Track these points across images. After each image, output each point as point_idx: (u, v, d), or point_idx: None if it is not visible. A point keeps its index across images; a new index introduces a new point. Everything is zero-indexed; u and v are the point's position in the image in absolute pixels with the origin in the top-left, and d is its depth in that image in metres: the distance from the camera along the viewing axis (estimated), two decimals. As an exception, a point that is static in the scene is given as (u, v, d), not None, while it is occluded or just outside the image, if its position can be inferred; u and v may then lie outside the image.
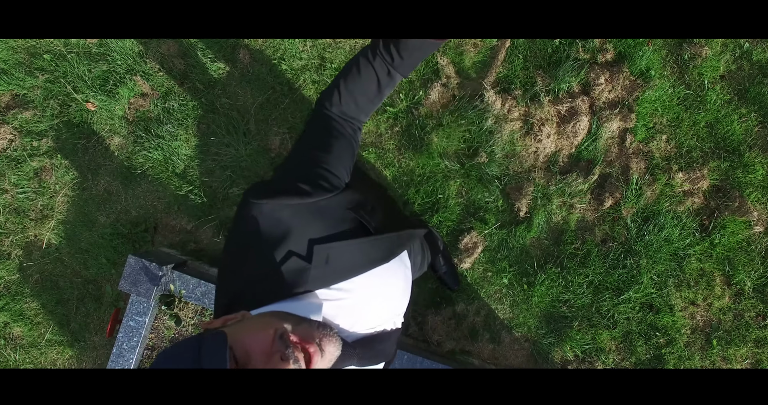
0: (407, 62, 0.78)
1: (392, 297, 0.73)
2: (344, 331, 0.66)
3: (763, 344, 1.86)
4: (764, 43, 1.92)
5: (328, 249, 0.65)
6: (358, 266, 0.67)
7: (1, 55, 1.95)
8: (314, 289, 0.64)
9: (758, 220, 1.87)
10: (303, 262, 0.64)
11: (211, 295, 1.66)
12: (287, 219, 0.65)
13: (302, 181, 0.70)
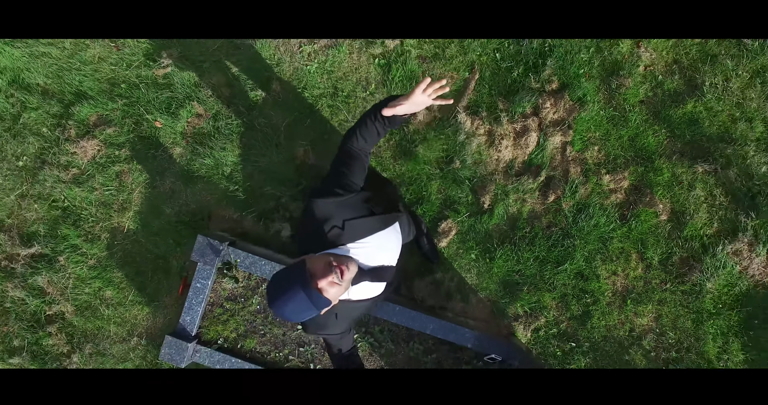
0: (395, 124, 1.36)
1: (389, 249, 1.34)
2: (362, 264, 1.27)
3: (663, 303, 2.49)
4: (674, 76, 2.51)
5: (353, 223, 1.26)
6: (368, 231, 1.28)
7: (89, 85, 2.54)
8: (346, 244, 1.26)
9: (663, 211, 2.48)
10: (340, 230, 1.25)
11: (256, 264, 2.27)
12: (331, 209, 1.26)
13: (337, 187, 1.30)
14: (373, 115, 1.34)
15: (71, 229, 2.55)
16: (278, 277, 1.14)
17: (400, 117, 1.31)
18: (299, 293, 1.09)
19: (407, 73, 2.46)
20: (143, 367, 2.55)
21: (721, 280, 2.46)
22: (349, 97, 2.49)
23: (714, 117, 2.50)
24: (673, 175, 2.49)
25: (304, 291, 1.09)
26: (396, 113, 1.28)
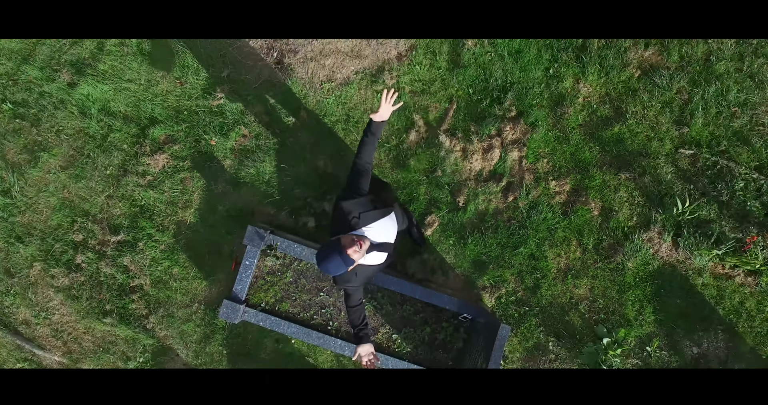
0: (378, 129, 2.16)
1: (388, 231, 2.15)
2: (372, 240, 2.08)
3: (595, 278, 3.29)
4: (605, 105, 3.30)
5: (366, 215, 2.07)
6: (374, 219, 2.09)
7: (159, 112, 3.34)
8: (362, 228, 2.07)
9: (595, 208, 3.28)
10: (357, 219, 2.06)
11: (290, 247, 3.07)
12: (351, 206, 2.07)
13: (354, 193, 2.11)
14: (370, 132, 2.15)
15: (147, 222, 3.36)
16: (323, 248, 1.95)
17: (379, 123, 2.13)
18: (336, 257, 1.89)
19: (403, 106, 3.26)
20: (201, 326, 3.36)
21: (638, 260, 3.27)
22: (359, 122, 3.29)
23: (634, 137, 3.30)
24: (603, 181, 3.29)
25: (339, 256, 1.89)
26: (374, 119, 2.10)
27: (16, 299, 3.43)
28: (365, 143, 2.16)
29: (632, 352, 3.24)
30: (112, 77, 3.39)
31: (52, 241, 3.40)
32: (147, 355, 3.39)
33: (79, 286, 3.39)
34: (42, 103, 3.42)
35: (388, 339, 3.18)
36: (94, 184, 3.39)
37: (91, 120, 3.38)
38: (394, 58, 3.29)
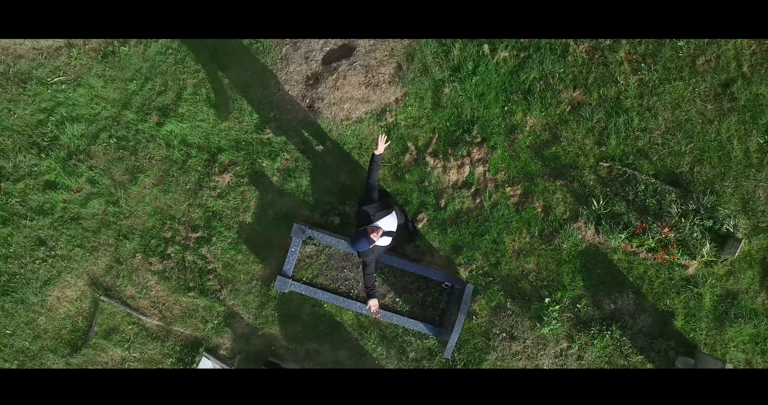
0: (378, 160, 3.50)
1: (393, 222, 3.47)
2: (384, 229, 3.41)
3: (540, 256, 4.60)
4: (546, 132, 4.59)
5: (378, 213, 3.39)
6: (384, 216, 3.42)
7: (224, 143, 4.64)
8: (377, 222, 3.39)
9: (539, 206, 4.59)
10: (373, 217, 3.38)
11: (323, 238, 4.37)
12: (368, 209, 3.39)
13: (369, 201, 3.43)
14: (371, 159, 3.48)
15: (218, 222, 4.67)
16: (355, 235, 3.29)
17: (378, 155, 3.45)
18: (364, 240, 3.23)
19: (398, 135, 4.57)
20: (258, 296, 4.67)
21: (570, 243, 4.58)
22: (368, 149, 4.60)
23: (566, 154, 4.60)
24: (544, 187, 4.59)
25: (366, 239, 3.23)
26: (375, 153, 3.43)
27: (124, 280, 4.75)
28: (372, 168, 3.48)
29: (566, 309, 4.56)
30: (188, 118, 4.68)
31: (149, 238, 4.71)
32: (220, 318, 4.71)
33: (170, 269, 4.71)
34: (138, 137, 4.72)
35: (393, 301, 4.51)
36: (178, 196, 4.69)
37: (174, 149, 4.68)
38: (393, 101, 4.59)
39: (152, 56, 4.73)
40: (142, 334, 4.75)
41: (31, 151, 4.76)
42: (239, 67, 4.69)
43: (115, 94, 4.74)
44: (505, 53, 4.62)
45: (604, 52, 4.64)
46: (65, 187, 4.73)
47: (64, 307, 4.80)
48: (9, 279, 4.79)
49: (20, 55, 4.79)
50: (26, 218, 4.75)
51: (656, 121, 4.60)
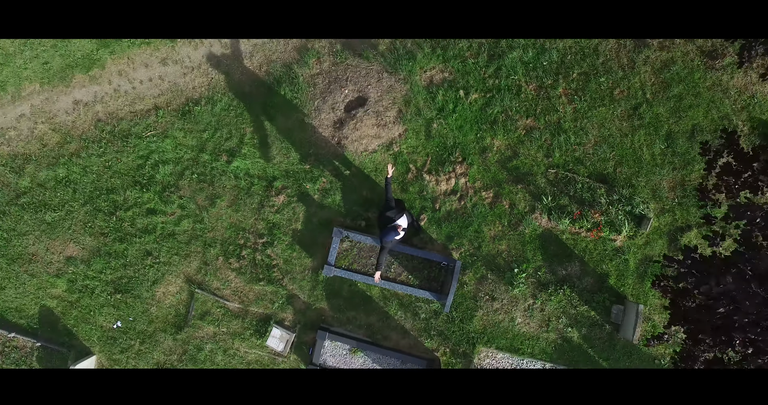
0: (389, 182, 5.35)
1: (405, 221, 5.32)
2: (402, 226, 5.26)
3: (509, 240, 6.43)
4: (509, 150, 6.39)
5: (397, 216, 5.23)
6: (401, 217, 5.26)
7: (277, 173, 6.41)
8: (398, 221, 5.22)
9: (506, 203, 6.40)
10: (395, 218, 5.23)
11: (355, 236, 6.19)
12: (390, 214, 5.23)
13: (389, 209, 5.27)
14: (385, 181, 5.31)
15: (277, 230, 6.47)
16: (387, 230, 5.15)
17: (389, 178, 5.29)
18: (393, 233, 5.12)
19: (402, 160, 6.35)
20: (310, 282, 6.50)
21: (530, 228, 6.40)
22: (381, 171, 6.38)
23: (524, 165, 6.39)
24: (509, 190, 6.40)
25: (395, 232, 5.10)
26: (388, 176, 5.27)
27: (211, 277, 6.57)
28: (387, 187, 5.30)
29: (530, 275, 6.40)
30: (249, 156, 6.44)
31: (227, 245, 6.52)
32: (283, 299, 6.53)
33: (244, 267, 6.52)
34: (213, 173, 6.48)
35: (406, 278, 6.35)
36: (246, 213, 6.48)
37: (241, 180, 6.46)
38: (397, 136, 6.36)
39: (218, 112, 6.47)
40: (227, 315, 6.59)
41: (135, 188, 6.52)
42: (284, 117, 6.44)
43: (193, 141, 6.49)
44: (475, 95, 6.39)
45: (547, 89, 6.40)
46: (162, 212, 6.52)
47: (168, 299, 6.63)
48: (128, 281, 6.60)
49: (121, 118, 6.53)
50: (136, 236, 6.54)
51: (587, 137, 6.39)
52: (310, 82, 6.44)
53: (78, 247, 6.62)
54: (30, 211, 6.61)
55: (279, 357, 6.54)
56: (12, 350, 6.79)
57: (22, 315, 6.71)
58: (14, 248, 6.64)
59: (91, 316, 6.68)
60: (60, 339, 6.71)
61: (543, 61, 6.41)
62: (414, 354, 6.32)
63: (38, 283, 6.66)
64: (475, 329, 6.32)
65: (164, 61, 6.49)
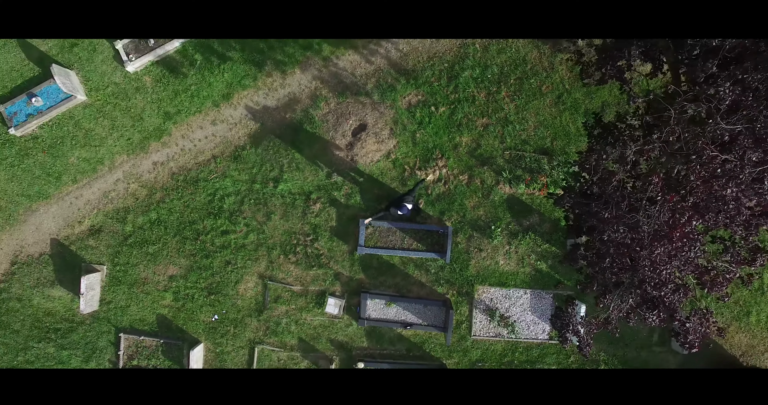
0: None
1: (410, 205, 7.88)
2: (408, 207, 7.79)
3: (485, 207, 8.93)
4: (474, 143, 8.85)
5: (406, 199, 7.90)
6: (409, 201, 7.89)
7: (311, 188, 8.85)
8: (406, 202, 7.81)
9: (478, 181, 8.89)
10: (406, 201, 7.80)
11: (375, 224, 8.66)
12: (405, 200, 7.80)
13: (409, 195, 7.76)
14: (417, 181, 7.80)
15: (319, 229, 8.91)
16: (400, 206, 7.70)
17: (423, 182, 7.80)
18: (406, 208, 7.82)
19: (399, 163, 8.79)
20: (347, 261, 8.98)
21: (498, 196, 8.88)
22: (387, 175, 8.83)
23: (486, 152, 8.85)
24: (479, 171, 8.87)
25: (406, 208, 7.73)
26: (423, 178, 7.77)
27: (276, 271, 9.03)
28: (416, 185, 7.78)
29: (503, 229, 8.91)
30: (289, 180, 8.85)
31: (285, 246, 8.96)
32: (332, 277, 9.01)
33: (300, 259, 8.98)
34: (265, 196, 8.89)
35: (416, 246, 8.84)
36: (294, 221, 8.92)
37: (286, 197, 8.87)
38: (392, 147, 8.78)
39: (260, 152, 8.83)
40: (293, 296, 9.07)
41: (210, 217, 8.92)
42: (309, 148, 8.83)
43: (245, 176, 8.87)
44: (443, 108, 8.80)
45: (494, 94, 8.82)
46: (233, 231, 8.93)
47: (248, 292, 9.09)
48: (216, 285, 9.05)
49: (189, 168, 8.89)
50: (217, 252, 8.96)
51: (528, 124, 8.84)
52: (323, 119, 8.83)
53: (176, 267, 9.04)
54: (136, 248, 9.00)
55: (336, 318, 9.04)
56: (143, 349, 9.26)
57: (145, 323, 9.16)
58: (130, 276, 9.05)
59: (195, 315, 9.14)
60: (175, 335, 9.17)
61: (487, 75, 8.82)
62: (431, 298, 8.87)
63: (152, 298, 9.09)
64: (471, 274, 8.86)
65: (214, 122, 8.83)
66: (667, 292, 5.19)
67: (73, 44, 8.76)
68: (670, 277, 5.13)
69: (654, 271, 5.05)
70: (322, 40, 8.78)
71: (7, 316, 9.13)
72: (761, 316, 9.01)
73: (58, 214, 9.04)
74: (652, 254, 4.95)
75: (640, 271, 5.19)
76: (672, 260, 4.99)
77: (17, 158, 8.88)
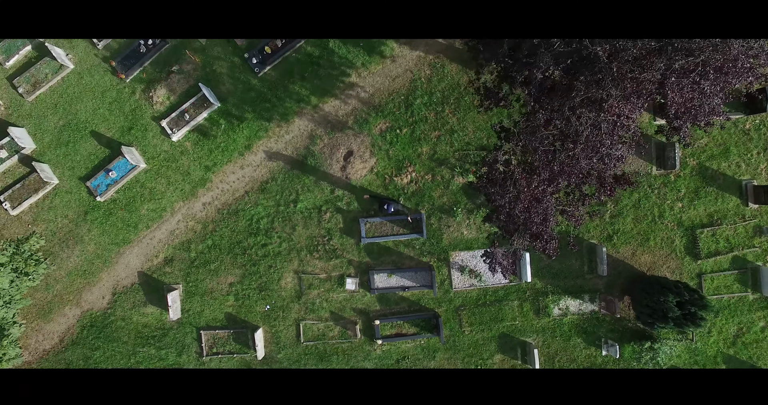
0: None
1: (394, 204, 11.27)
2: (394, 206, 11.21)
3: (447, 196, 12.34)
4: (432, 150, 12.25)
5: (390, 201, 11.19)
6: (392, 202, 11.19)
7: (322, 203, 12.19)
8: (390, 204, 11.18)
9: (439, 178, 12.30)
10: (390, 203, 11.19)
11: (371, 220, 12.04)
12: (387, 201, 11.14)
13: (389, 199, 11.13)
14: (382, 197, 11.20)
15: (333, 231, 12.26)
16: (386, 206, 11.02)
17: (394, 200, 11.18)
18: (392, 205, 11.13)
19: (381, 175, 12.15)
20: (358, 250, 12.34)
21: (454, 186, 12.30)
22: (373, 185, 12.20)
23: (441, 156, 12.25)
24: (439, 171, 12.27)
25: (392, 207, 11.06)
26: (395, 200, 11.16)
27: (306, 266, 12.36)
28: (390, 198, 11.13)
29: (462, 208, 12.34)
30: (305, 199, 12.15)
31: (309, 247, 12.28)
32: (347, 263, 12.37)
33: (322, 255, 12.31)
34: (288, 214, 12.19)
35: (403, 231, 12.24)
36: (313, 228, 12.24)
37: (305, 212, 12.19)
38: (374, 164, 12.12)
39: (280, 183, 12.11)
40: (321, 281, 12.42)
41: (251, 236, 12.21)
42: (314, 174, 12.13)
43: (272, 202, 12.16)
44: (405, 129, 12.14)
45: (440, 113, 12.18)
46: (270, 243, 12.24)
47: (288, 285, 12.42)
48: (264, 284, 12.36)
49: (230, 204, 12.15)
50: (261, 260, 12.27)
51: (468, 129, 12.24)
52: (320, 152, 12.11)
53: (233, 276, 12.33)
54: (201, 268, 12.25)
55: (354, 293, 12.41)
56: (218, 340, 12.56)
57: (217, 320, 12.46)
58: (200, 288, 12.31)
59: (252, 308, 12.46)
60: (240, 326, 12.49)
61: (433, 99, 12.16)
62: (419, 267, 12.29)
63: (219, 302, 12.38)
64: (445, 244, 12.28)
65: (242, 166, 12.06)
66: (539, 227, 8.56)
67: (129, 128, 11.91)
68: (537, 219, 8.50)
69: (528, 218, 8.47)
70: (310, 93, 12.03)
71: (116, 333, 12.36)
72: (657, 240, 12.59)
73: (140, 252, 12.24)
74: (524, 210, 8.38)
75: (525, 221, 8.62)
76: (531, 211, 8.38)
77: (104, 217, 12.05)
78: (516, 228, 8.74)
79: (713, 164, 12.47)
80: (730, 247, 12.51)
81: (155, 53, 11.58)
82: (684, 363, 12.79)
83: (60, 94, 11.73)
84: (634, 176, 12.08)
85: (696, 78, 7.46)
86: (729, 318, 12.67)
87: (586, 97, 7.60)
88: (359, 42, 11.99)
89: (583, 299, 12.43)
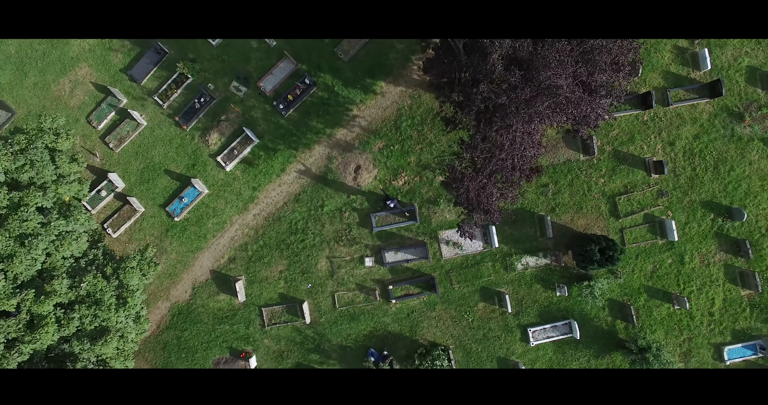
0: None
1: (394, 202, 15.68)
2: (395, 203, 15.62)
3: (432, 189, 16.75)
4: (419, 159, 16.61)
5: (392, 199, 15.56)
6: (393, 200, 15.59)
7: (342, 205, 16.50)
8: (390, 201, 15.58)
9: (426, 179, 16.68)
10: (391, 201, 15.58)
11: (380, 214, 16.40)
12: (389, 200, 15.54)
13: (389, 198, 15.49)
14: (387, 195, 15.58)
15: (353, 227, 16.61)
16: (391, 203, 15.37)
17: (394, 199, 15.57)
18: (395, 202, 15.45)
19: (382, 180, 16.48)
20: (372, 237, 16.72)
21: (436, 184, 16.71)
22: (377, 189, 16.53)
23: (427, 162, 16.64)
24: (425, 174, 16.64)
25: (393, 204, 15.38)
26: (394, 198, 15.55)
27: (334, 252, 16.73)
28: (392, 197, 15.48)
29: (444, 199, 16.76)
30: (329, 204, 16.43)
31: (336, 239, 16.61)
32: (364, 247, 16.75)
33: (347, 243, 16.67)
34: (318, 216, 16.47)
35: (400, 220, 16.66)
36: (337, 225, 16.57)
37: (330, 213, 16.48)
38: (376, 173, 16.42)
39: (309, 193, 16.34)
40: (348, 262, 16.81)
41: (292, 235, 16.48)
42: (334, 186, 16.36)
43: (305, 208, 16.42)
44: (397, 145, 16.43)
45: (423, 131, 16.48)
46: (306, 238, 16.55)
47: (323, 268, 16.80)
48: (305, 268, 16.72)
49: (274, 213, 16.37)
50: (302, 251, 16.59)
51: (444, 141, 16.57)
52: (337, 168, 16.31)
53: (281, 266, 16.64)
54: (257, 262, 16.51)
55: (372, 268, 16.82)
56: (276, 313, 16.94)
57: (272, 299, 16.81)
58: (258, 277, 16.60)
59: (298, 288, 16.84)
60: (290, 301, 16.87)
61: (415, 121, 16.40)
62: (417, 244, 16.74)
63: (272, 285, 16.71)
64: (434, 226, 16.73)
65: (280, 185, 16.23)
66: (486, 205, 13.04)
67: (193, 164, 15.92)
68: (484, 200, 12.95)
69: (479, 200, 12.95)
70: (324, 126, 16.15)
71: (199, 316, 16.62)
72: (588, 208, 17.20)
73: (210, 256, 16.42)
74: (476, 195, 12.85)
75: (477, 202, 13.12)
76: (480, 195, 12.83)
77: (181, 232, 16.15)
78: (473, 208, 13.22)
79: (623, 148, 17.02)
80: (641, 208, 17.15)
81: (206, 107, 15.55)
82: (616, 295, 17.56)
83: (139, 144, 15.65)
84: (561, 165, 16.68)
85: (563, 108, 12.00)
86: (645, 259, 17.41)
87: (503, 123, 12.02)
88: (357, 84, 16.09)
89: (538, 256, 17.03)
